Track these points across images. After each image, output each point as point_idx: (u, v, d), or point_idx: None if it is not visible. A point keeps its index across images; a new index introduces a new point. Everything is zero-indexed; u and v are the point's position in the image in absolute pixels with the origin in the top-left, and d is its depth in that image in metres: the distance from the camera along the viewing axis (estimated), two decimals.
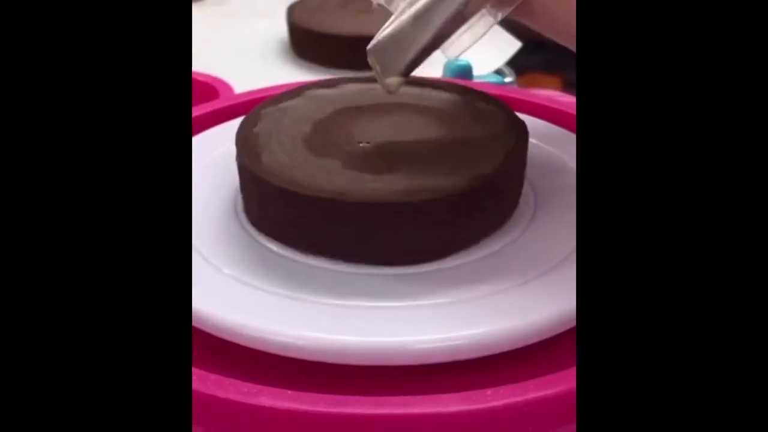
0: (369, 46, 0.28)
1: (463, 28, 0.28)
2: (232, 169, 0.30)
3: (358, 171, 0.28)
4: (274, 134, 0.30)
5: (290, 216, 0.27)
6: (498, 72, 0.59)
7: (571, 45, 0.26)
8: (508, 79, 0.60)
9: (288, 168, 0.28)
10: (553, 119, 0.37)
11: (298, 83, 0.40)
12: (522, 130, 0.30)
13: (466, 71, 0.44)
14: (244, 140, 0.29)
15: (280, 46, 0.65)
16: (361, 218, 0.26)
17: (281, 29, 0.64)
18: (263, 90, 0.40)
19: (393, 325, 0.24)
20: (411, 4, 0.27)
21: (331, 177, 0.27)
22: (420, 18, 0.27)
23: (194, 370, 0.23)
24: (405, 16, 0.27)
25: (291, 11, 0.63)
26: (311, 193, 0.26)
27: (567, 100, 0.43)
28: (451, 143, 0.30)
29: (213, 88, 0.44)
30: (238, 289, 0.26)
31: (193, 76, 0.45)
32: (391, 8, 0.28)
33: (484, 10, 0.28)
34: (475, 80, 0.46)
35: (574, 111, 0.37)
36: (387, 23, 0.28)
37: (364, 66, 0.60)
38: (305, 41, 0.62)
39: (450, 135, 0.30)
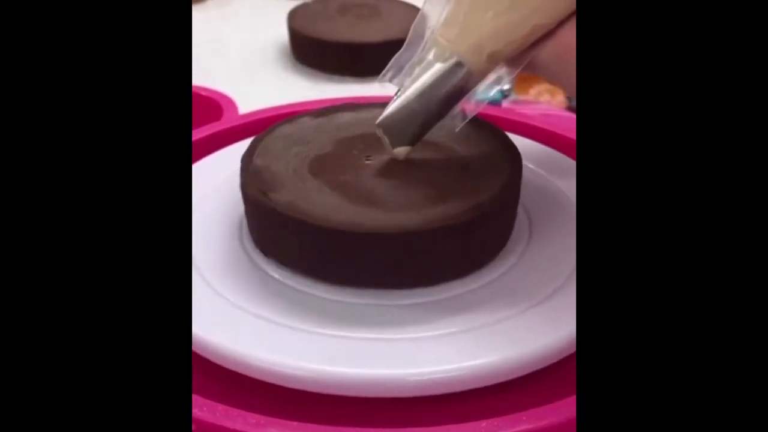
0: (378, 121, 0.30)
1: (469, 95, 0.29)
2: (237, 194, 0.31)
3: (360, 201, 0.29)
4: (278, 164, 0.31)
5: (299, 245, 0.28)
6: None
7: (573, 95, 0.27)
8: (506, 86, 0.60)
9: (296, 200, 0.28)
10: (542, 139, 0.38)
11: (299, 103, 0.41)
12: (516, 157, 0.31)
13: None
14: (250, 172, 0.30)
15: (280, 51, 0.65)
16: (366, 247, 0.27)
17: (282, 32, 0.65)
18: (264, 111, 0.40)
19: (392, 357, 0.25)
20: (414, 80, 0.29)
21: (337, 207, 0.28)
22: (424, 94, 0.29)
23: (203, 401, 0.24)
24: (409, 92, 0.29)
25: (291, 17, 0.63)
26: (318, 224, 0.27)
27: (555, 119, 0.44)
28: (448, 171, 0.30)
29: (217, 103, 0.45)
30: (244, 319, 0.27)
31: (196, 90, 0.46)
32: (396, 84, 0.29)
33: (487, 80, 0.29)
34: None
35: (563, 131, 0.38)
36: (393, 98, 0.29)
37: (364, 73, 0.62)
38: (305, 47, 0.62)
39: (446, 163, 0.31)
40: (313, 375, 0.25)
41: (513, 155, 0.31)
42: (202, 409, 0.24)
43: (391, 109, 0.29)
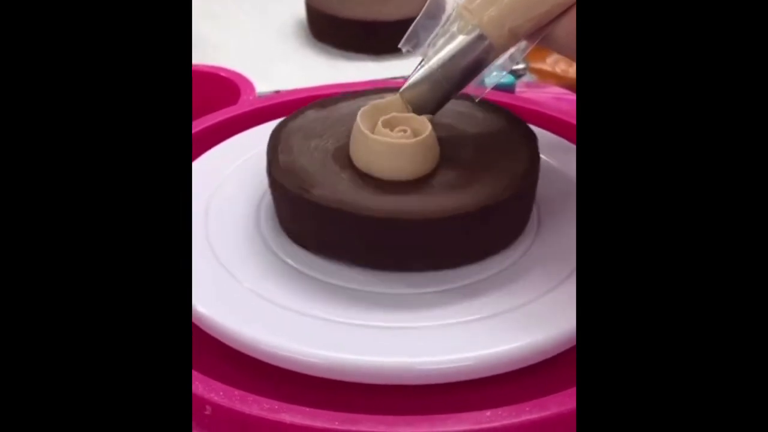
0: (401, 89, 0.31)
1: (486, 70, 0.30)
2: (253, 180, 0.32)
3: (387, 190, 0.30)
4: (303, 159, 0.31)
5: (340, 236, 0.30)
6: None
7: None
8: (521, 66, 0.60)
9: (335, 193, 0.29)
10: (556, 128, 0.38)
11: (309, 89, 0.41)
12: (533, 147, 0.32)
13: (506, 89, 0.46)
14: (282, 169, 0.31)
15: (298, 27, 0.66)
16: (392, 233, 0.29)
17: (299, 9, 0.65)
18: (282, 95, 0.41)
19: (400, 345, 0.26)
20: (437, 51, 0.30)
21: (372, 195, 0.29)
22: (446, 65, 0.30)
23: (219, 386, 0.25)
24: (433, 62, 0.30)
25: None
26: (359, 212, 0.28)
27: (566, 104, 0.44)
28: (468, 161, 0.31)
29: (235, 84, 0.45)
30: (260, 305, 0.28)
31: (215, 71, 0.47)
32: (419, 54, 0.31)
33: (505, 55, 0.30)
34: None
35: (571, 119, 0.39)
36: (416, 68, 0.31)
37: (380, 51, 0.62)
38: (323, 25, 0.62)
39: (465, 152, 0.32)
40: (323, 361, 0.26)
41: (531, 144, 0.32)
42: (218, 393, 0.25)
43: (414, 78, 0.31)
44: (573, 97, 0.50)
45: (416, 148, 0.30)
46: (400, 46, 0.31)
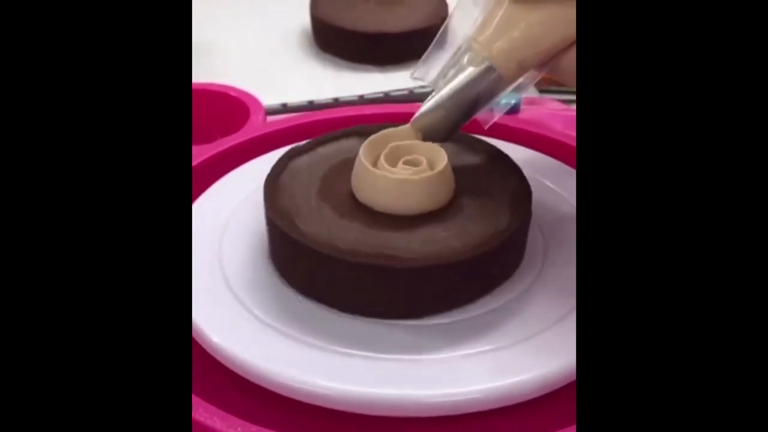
0: (413, 119, 0.32)
1: (495, 100, 0.32)
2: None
3: (378, 230, 0.30)
4: (299, 193, 0.32)
5: (320, 275, 0.30)
6: None
7: None
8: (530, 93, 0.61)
9: (323, 233, 0.30)
10: (551, 151, 0.39)
11: (325, 113, 0.42)
12: (526, 193, 0.32)
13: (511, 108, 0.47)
14: (275, 208, 0.31)
15: (303, 38, 0.66)
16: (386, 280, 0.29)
17: (305, 19, 0.65)
18: (288, 120, 0.42)
19: (408, 377, 0.27)
20: (448, 81, 0.31)
21: (357, 237, 0.30)
22: (456, 96, 0.31)
23: (238, 421, 0.26)
24: (443, 93, 0.31)
25: (314, 4, 0.64)
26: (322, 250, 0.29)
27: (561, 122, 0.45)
28: (459, 203, 0.32)
29: (243, 103, 0.46)
30: (275, 338, 0.29)
31: (225, 90, 0.48)
32: (430, 84, 0.32)
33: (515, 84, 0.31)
34: None
35: (568, 140, 0.40)
36: (428, 98, 0.32)
37: (386, 62, 0.63)
38: (328, 36, 0.63)
39: (457, 195, 0.32)
40: (333, 393, 0.27)
41: (523, 191, 0.32)
42: (236, 429, 0.26)
43: (425, 108, 0.32)
44: (567, 113, 0.51)
45: (425, 183, 0.31)
46: (410, 76, 0.33)
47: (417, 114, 0.32)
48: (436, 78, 0.32)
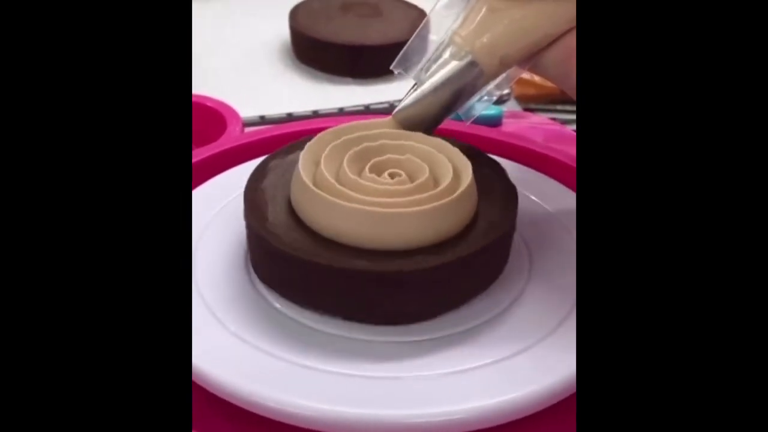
0: (394, 111, 0.32)
1: (477, 96, 0.32)
2: (240, 222, 0.32)
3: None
4: (278, 195, 0.31)
5: (292, 277, 0.29)
6: None
7: (573, 96, 0.29)
8: (505, 91, 0.61)
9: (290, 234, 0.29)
10: (542, 165, 0.39)
11: (301, 126, 0.41)
12: (512, 197, 0.32)
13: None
14: (252, 205, 0.31)
15: (282, 49, 0.65)
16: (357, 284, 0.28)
17: (284, 31, 0.65)
18: (266, 130, 0.41)
19: (394, 396, 0.26)
20: (430, 75, 0.31)
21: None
22: (438, 89, 0.31)
23: None
24: (425, 87, 0.31)
25: (293, 15, 0.63)
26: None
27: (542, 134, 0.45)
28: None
29: (220, 114, 0.45)
30: (249, 353, 0.28)
31: (201, 101, 0.47)
32: (412, 77, 0.32)
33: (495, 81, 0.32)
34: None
35: (563, 158, 0.39)
36: (409, 90, 0.32)
37: (365, 74, 0.62)
38: (307, 48, 0.62)
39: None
40: (315, 414, 0.26)
41: (509, 196, 0.32)
42: None
43: (407, 101, 0.32)
44: (551, 126, 0.51)
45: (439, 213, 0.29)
46: (391, 67, 0.32)
47: (399, 106, 0.32)
48: (418, 71, 0.32)
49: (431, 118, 0.32)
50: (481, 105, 0.33)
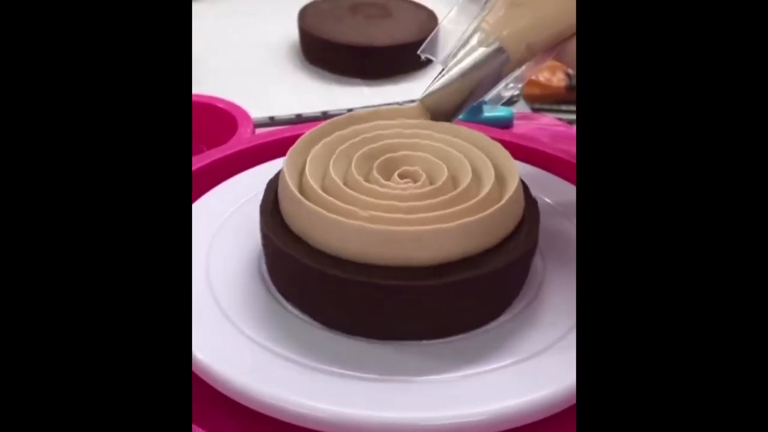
0: (421, 96, 0.33)
1: (502, 83, 0.33)
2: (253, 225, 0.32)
3: None
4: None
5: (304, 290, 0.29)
6: None
7: None
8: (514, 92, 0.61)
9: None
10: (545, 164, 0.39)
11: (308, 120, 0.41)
12: (534, 218, 0.31)
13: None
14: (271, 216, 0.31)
15: (291, 50, 0.66)
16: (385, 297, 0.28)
17: (293, 32, 0.65)
18: (278, 132, 0.41)
19: (405, 400, 0.27)
20: (458, 62, 0.32)
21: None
22: (465, 75, 0.32)
23: None
24: (453, 72, 0.32)
25: (302, 16, 0.64)
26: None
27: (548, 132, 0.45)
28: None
29: (231, 115, 0.45)
30: (263, 356, 0.28)
31: (212, 102, 0.47)
32: (441, 63, 0.33)
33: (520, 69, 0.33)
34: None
35: (563, 155, 0.39)
36: (437, 77, 0.33)
37: (374, 75, 0.62)
38: (316, 49, 0.63)
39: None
40: (328, 416, 0.26)
41: (531, 215, 0.31)
42: None
43: (435, 86, 0.32)
44: (557, 128, 0.51)
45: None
46: (419, 52, 0.33)
47: (426, 91, 0.33)
48: (446, 57, 0.32)
49: (459, 103, 0.33)
50: (507, 92, 0.34)
